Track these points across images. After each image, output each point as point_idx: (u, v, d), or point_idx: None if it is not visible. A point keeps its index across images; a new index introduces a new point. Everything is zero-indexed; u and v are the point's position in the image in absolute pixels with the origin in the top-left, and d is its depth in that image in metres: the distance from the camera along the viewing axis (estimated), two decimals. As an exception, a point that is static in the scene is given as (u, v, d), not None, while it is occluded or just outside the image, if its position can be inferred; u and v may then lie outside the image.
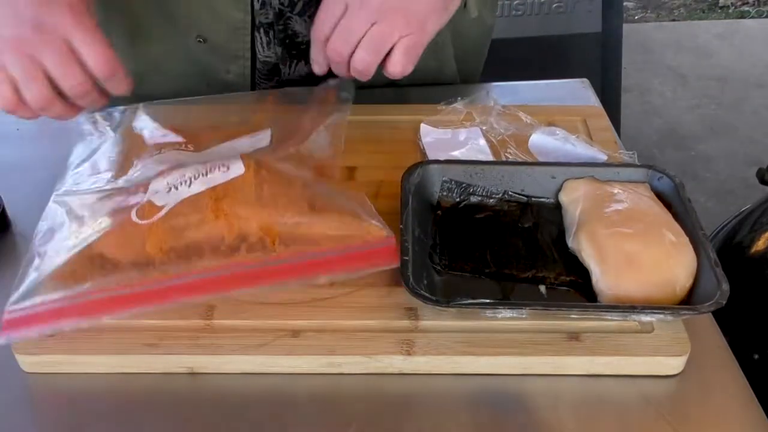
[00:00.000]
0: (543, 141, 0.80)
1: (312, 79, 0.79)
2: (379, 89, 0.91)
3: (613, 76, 1.89)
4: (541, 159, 0.79)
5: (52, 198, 0.65)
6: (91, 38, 0.63)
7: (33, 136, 0.88)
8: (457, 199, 0.71)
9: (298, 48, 0.87)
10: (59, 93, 0.64)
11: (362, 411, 0.56)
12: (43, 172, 0.72)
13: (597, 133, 0.82)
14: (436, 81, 0.95)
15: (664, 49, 2.96)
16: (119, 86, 0.67)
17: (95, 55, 0.63)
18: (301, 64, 0.89)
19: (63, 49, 0.62)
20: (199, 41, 0.85)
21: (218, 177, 0.63)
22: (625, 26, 1.94)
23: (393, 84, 0.93)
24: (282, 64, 0.88)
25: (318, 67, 0.74)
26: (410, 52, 0.69)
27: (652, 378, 0.58)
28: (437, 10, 0.70)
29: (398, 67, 0.69)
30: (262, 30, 0.85)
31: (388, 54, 0.69)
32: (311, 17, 0.69)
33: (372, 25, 0.67)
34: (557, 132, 0.80)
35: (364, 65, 0.69)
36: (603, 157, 0.77)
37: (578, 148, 0.78)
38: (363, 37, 0.67)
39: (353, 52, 0.69)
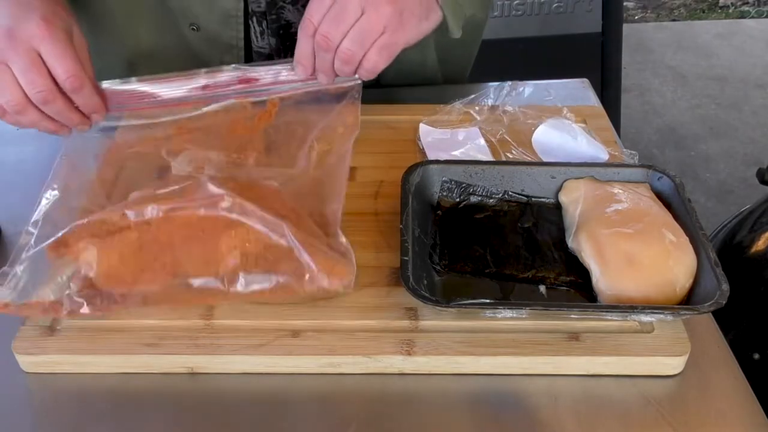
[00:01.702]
0: (546, 137, 0.80)
1: None
2: (377, 89, 0.91)
3: (613, 76, 1.89)
4: (543, 156, 0.79)
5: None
6: (59, 50, 0.65)
7: (33, 136, 0.88)
8: (457, 199, 0.71)
9: (292, 39, 0.86)
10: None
11: (362, 411, 0.56)
12: (43, 173, 0.72)
13: (597, 133, 0.82)
14: (419, 74, 0.94)
15: (664, 49, 2.96)
16: (88, 103, 0.69)
17: (61, 66, 0.65)
18: None
19: (30, 57, 0.64)
20: (192, 29, 0.85)
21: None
22: (625, 26, 1.94)
23: (389, 84, 0.94)
24: (276, 56, 0.88)
25: (302, 68, 0.73)
26: (385, 51, 0.69)
27: (652, 378, 0.58)
28: (418, 15, 0.70)
29: (371, 63, 0.69)
30: (255, 18, 0.85)
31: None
32: (304, 6, 0.69)
33: (362, 13, 0.67)
34: (564, 122, 0.80)
35: (349, 55, 0.69)
36: (605, 154, 0.77)
37: (581, 146, 0.78)
38: (352, 27, 0.67)
39: (339, 44, 0.69)
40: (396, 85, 0.94)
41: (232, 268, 0.60)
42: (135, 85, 0.74)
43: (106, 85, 0.73)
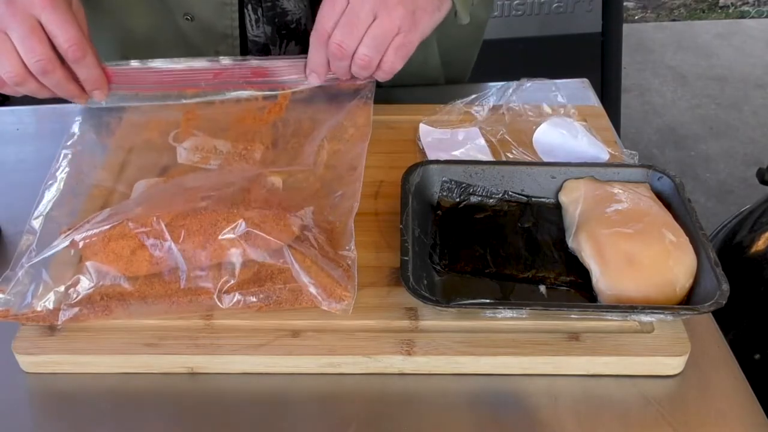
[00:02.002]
0: (547, 136, 0.80)
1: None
2: (378, 89, 0.90)
3: (613, 76, 1.89)
4: (543, 155, 0.79)
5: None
6: (60, 18, 0.64)
7: (33, 136, 0.88)
8: (457, 199, 0.71)
9: (288, 28, 0.86)
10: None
11: (362, 411, 0.56)
12: (43, 173, 0.72)
13: (597, 133, 0.82)
14: (421, 74, 0.94)
15: (664, 49, 2.96)
16: (90, 75, 0.68)
17: (63, 34, 0.64)
18: (292, 45, 0.87)
19: (30, 24, 0.63)
20: (187, 19, 0.85)
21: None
22: (625, 26, 1.95)
23: (393, 84, 0.93)
24: (272, 45, 0.87)
25: (316, 77, 0.73)
26: (401, 51, 0.69)
27: (652, 378, 0.58)
28: (431, 10, 0.70)
29: (388, 64, 0.69)
30: (250, 6, 0.84)
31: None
32: None
33: (374, 18, 0.67)
34: (565, 120, 0.80)
35: (366, 61, 0.69)
36: (606, 153, 0.77)
37: (582, 145, 0.78)
38: (366, 32, 0.67)
39: (355, 50, 0.69)
40: (399, 86, 0.94)
41: (230, 287, 0.60)
42: (144, 65, 0.74)
43: (112, 66, 0.72)
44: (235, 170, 0.71)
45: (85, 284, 0.60)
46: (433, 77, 0.96)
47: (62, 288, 0.60)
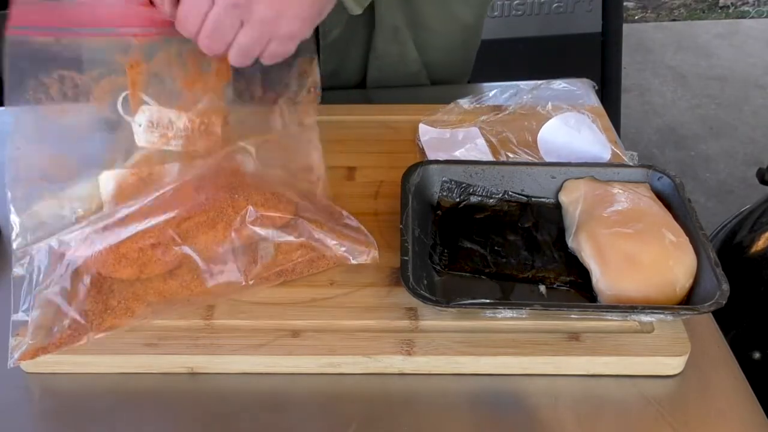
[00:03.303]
0: (553, 133, 0.80)
1: None
2: (378, 90, 0.90)
3: (613, 76, 1.89)
4: (546, 153, 0.79)
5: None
6: None
7: (33, 136, 0.88)
8: (457, 199, 0.71)
9: None
10: None
11: (362, 411, 0.56)
12: (43, 172, 0.72)
13: (597, 133, 0.82)
14: (401, 71, 0.93)
15: (664, 49, 2.96)
16: None
17: None
18: None
19: None
20: None
21: None
22: (625, 26, 1.94)
23: (376, 82, 0.93)
24: None
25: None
26: (276, 57, 0.65)
27: (652, 378, 0.58)
28: (309, 16, 0.64)
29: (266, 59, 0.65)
30: None
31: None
32: None
33: (241, 24, 0.61)
34: (576, 115, 0.80)
35: (238, 63, 0.64)
36: (609, 151, 0.77)
37: (585, 142, 0.78)
38: (234, 39, 0.62)
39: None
40: (384, 87, 0.93)
41: (253, 275, 0.62)
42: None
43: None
44: (204, 155, 0.68)
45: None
46: (414, 72, 0.95)
47: (81, 318, 0.60)
